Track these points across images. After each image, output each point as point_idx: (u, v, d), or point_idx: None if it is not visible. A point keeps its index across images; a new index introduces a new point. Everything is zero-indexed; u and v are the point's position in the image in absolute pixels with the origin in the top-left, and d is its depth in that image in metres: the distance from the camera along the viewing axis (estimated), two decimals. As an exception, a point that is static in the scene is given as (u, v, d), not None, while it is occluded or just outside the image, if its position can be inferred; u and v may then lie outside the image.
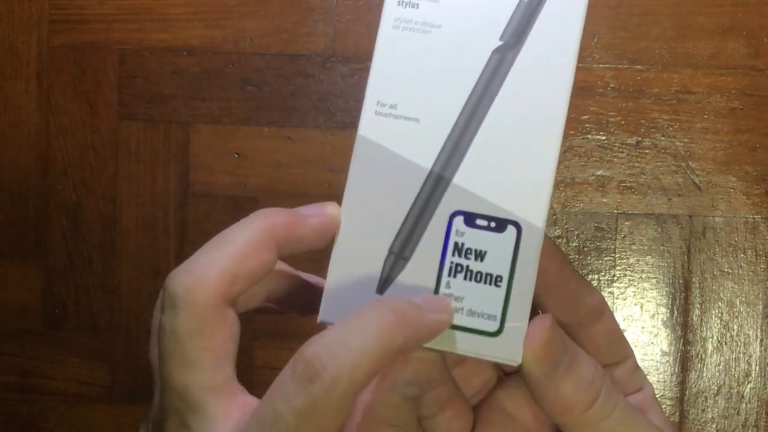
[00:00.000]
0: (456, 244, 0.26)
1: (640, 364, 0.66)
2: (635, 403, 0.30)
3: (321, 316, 0.26)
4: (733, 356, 0.63)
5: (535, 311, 0.27)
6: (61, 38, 0.65)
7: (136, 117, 0.64)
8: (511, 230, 0.26)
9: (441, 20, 0.27)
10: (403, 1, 0.27)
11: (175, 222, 0.64)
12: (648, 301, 0.63)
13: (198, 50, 0.64)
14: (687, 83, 0.62)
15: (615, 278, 0.63)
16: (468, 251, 0.26)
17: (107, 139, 0.65)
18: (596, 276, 0.63)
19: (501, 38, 0.26)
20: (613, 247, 0.63)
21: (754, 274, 0.62)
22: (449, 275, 0.26)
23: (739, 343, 0.62)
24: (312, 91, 0.63)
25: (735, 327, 0.62)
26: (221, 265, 0.26)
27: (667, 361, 0.63)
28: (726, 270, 0.62)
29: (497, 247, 0.26)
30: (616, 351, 0.30)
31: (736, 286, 0.62)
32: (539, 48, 0.26)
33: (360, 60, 0.63)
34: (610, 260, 0.63)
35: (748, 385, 0.62)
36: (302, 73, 0.64)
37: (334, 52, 0.63)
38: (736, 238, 0.62)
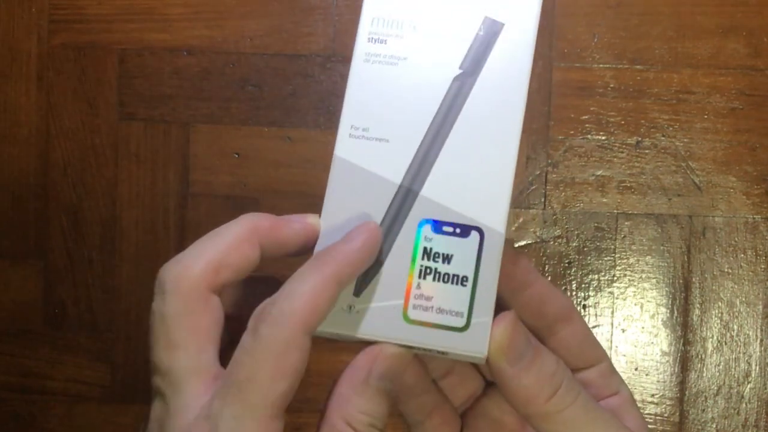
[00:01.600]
0: (425, 248, 0.29)
1: (640, 364, 0.66)
2: (611, 407, 0.31)
3: None
4: (733, 356, 0.63)
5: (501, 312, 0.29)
6: (61, 38, 0.65)
7: (136, 117, 0.64)
8: (474, 235, 0.29)
9: (407, 53, 0.30)
10: (372, 38, 0.30)
11: (175, 222, 0.64)
12: (648, 301, 0.63)
13: (198, 50, 0.64)
14: (687, 83, 0.62)
15: (615, 278, 0.63)
16: (436, 255, 0.29)
17: (107, 139, 0.65)
18: (596, 276, 0.63)
19: (460, 67, 0.30)
20: (613, 247, 0.63)
21: (754, 274, 0.62)
22: (419, 277, 0.28)
23: (739, 343, 0.62)
24: (312, 91, 0.63)
25: (735, 327, 0.62)
26: (207, 256, 0.28)
27: (667, 361, 0.63)
28: (726, 270, 0.62)
29: (462, 251, 0.28)
30: (587, 354, 0.31)
31: (736, 286, 0.62)
32: (495, 75, 0.29)
33: (360, 60, 0.63)
34: (610, 260, 0.63)
35: (748, 385, 0.62)
36: (302, 73, 0.64)
37: (334, 52, 0.63)
38: (736, 238, 0.62)
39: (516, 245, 0.63)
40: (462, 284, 0.28)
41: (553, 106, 0.62)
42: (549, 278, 0.63)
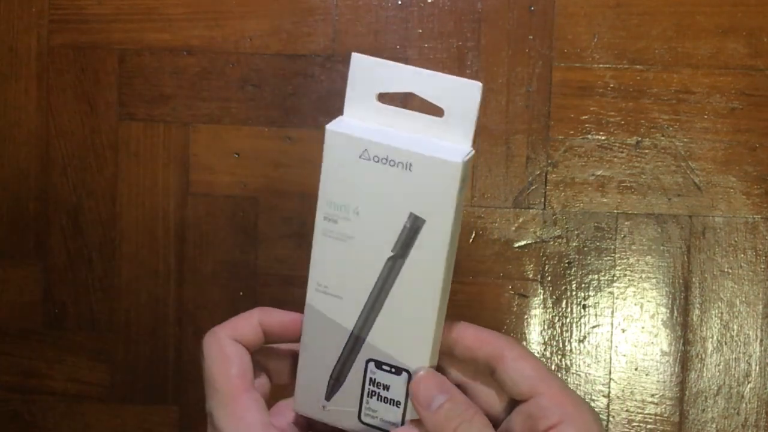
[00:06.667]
0: (371, 378, 0.39)
1: (640, 364, 0.66)
2: None
3: (294, 407, 0.41)
4: (733, 356, 0.63)
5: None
6: (61, 38, 0.65)
7: (136, 117, 0.64)
8: (404, 374, 0.38)
9: (353, 233, 0.38)
10: (327, 218, 0.38)
11: (175, 222, 0.64)
12: (648, 301, 0.63)
13: (198, 50, 0.64)
14: (687, 83, 0.62)
15: (615, 278, 0.63)
16: (378, 384, 0.39)
17: (107, 139, 0.65)
18: (596, 276, 0.63)
19: (392, 251, 0.37)
20: (613, 247, 0.63)
21: (754, 274, 0.62)
22: (368, 396, 0.39)
23: (739, 343, 0.63)
24: (312, 91, 0.63)
25: (735, 327, 0.62)
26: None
27: (667, 361, 0.63)
28: (726, 270, 0.62)
29: (396, 384, 0.38)
30: (522, 388, 0.38)
31: (736, 286, 0.62)
32: (419, 259, 0.37)
33: (360, 60, 0.63)
34: (610, 260, 0.63)
35: (748, 385, 0.63)
36: (302, 73, 0.64)
37: (334, 52, 0.63)
38: (736, 238, 0.62)
39: (516, 245, 0.63)
40: (396, 406, 0.38)
41: (553, 106, 0.62)
42: (549, 278, 0.63)
